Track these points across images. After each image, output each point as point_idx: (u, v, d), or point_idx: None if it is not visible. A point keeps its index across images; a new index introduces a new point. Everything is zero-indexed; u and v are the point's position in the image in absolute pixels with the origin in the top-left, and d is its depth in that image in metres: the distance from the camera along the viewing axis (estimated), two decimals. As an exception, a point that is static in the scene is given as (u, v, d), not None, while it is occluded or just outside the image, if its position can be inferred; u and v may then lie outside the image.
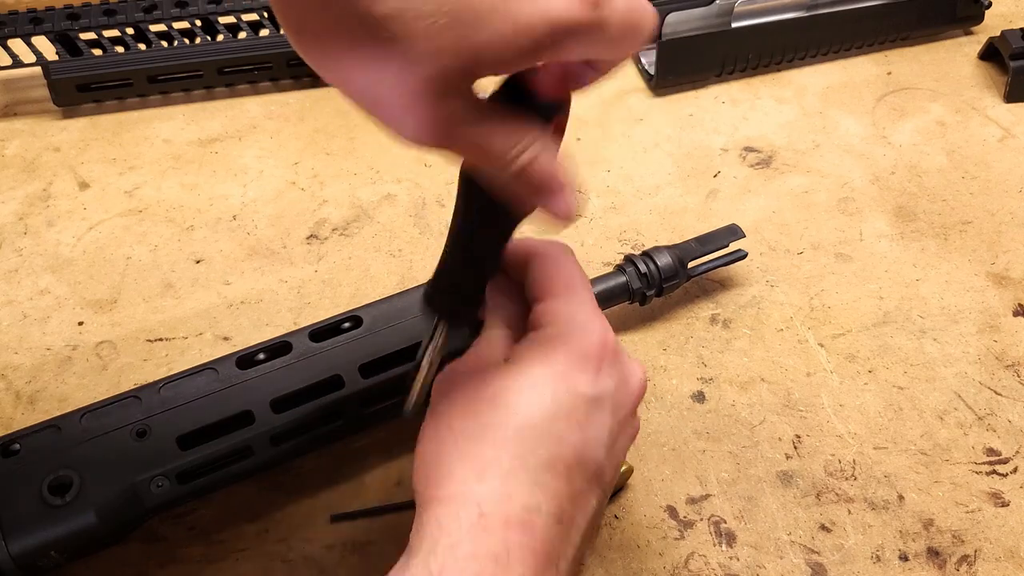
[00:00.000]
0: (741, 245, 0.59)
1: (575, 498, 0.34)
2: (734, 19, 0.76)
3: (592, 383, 0.35)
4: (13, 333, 0.57)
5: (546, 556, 0.32)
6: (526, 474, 0.33)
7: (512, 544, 0.31)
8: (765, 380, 0.55)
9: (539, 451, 0.33)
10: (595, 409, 0.35)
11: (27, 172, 0.68)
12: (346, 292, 0.60)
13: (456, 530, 0.31)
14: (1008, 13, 0.87)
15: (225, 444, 0.43)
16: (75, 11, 0.71)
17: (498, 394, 0.35)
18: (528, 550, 0.31)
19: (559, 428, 0.34)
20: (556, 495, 0.33)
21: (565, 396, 0.34)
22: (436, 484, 0.33)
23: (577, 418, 0.34)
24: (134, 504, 0.41)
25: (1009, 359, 0.57)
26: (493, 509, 0.32)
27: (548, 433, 0.34)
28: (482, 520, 0.31)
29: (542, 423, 0.34)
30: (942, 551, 0.47)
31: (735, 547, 0.47)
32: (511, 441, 0.33)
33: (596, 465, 0.35)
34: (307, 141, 0.72)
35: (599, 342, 0.36)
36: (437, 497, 0.33)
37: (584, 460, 0.34)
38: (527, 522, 0.32)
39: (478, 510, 0.32)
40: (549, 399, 0.34)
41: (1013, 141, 0.73)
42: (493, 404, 0.34)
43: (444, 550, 0.31)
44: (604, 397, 0.35)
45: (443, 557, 0.31)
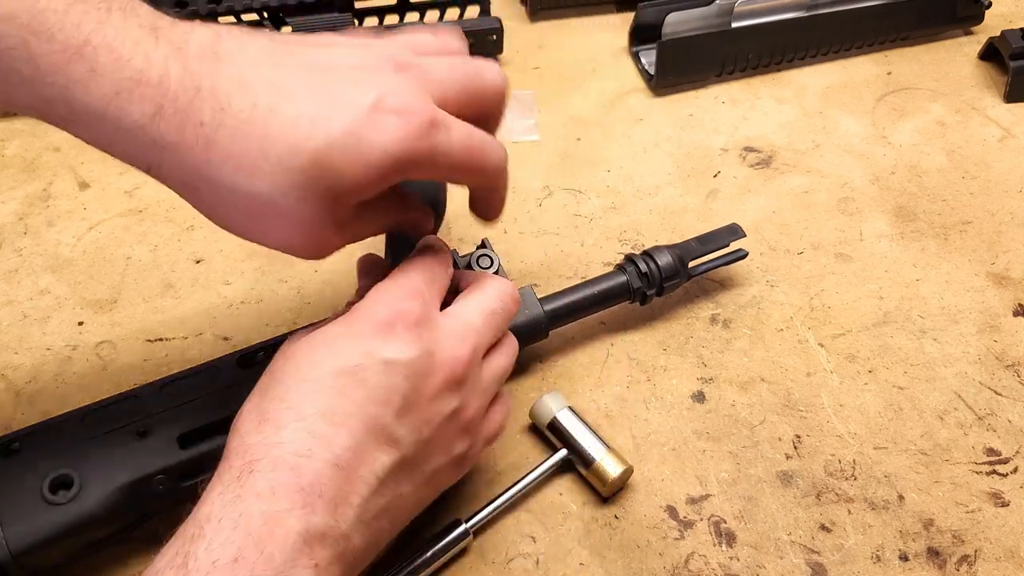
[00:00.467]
0: (741, 245, 0.59)
1: (356, 449, 0.35)
2: (734, 19, 0.76)
3: (384, 347, 0.37)
4: (13, 333, 0.57)
5: (317, 494, 0.33)
6: (300, 423, 0.34)
7: (277, 483, 0.33)
8: (765, 380, 0.55)
9: (318, 401, 0.35)
10: (386, 372, 0.36)
11: (27, 172, 0.68)
12: (346, 292, 0.60)
13: (228, 479, 0.34)
14: (1008, 13, 0.87)
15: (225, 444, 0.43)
16: (75, 11, 0.71)
17: (294, 352, 0.37)
18: (294, 488, 0.33)
19: (342, 383, 0.36)
20: (332, 444, 0.34)
21: (353, 353, 0.36)
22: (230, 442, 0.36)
23: (363, 375, 0.36)
24: (135, 503, 0.41)
25: (1009, 359, 0.57)
26: (262, 455, 0.34)
27: (329, 386, 0.36)
28: (251, 466, 0.33)
29: (324, 376, 0.36)
30: (942, 551, 0.47)
31: (735, 547, 0.47)
32: (292, 392, 0.36)
33: (383, 424, 0.36)
34: (307, 141, 0.71)
35: (400, 311, 0.38)
36: (225, 454, 0.35)
37: (369, 416, 0.36)
38: (296, 466, 0.33)
39: (249, 458, 0.34)
40: (338, 356, 0.36)
41: (1013, 141, 0.73)
42: (286, 360, 0.37)
43: (214, 498, 0.33)
44: (398, 363, 0.37)
45: (211, 504, 0.33)
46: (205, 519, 0.32)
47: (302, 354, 0.37)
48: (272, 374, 0.37)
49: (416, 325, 0.38)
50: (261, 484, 0.33)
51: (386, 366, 0.36)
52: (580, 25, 0.84)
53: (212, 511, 0.32)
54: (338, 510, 0.34)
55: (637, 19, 0.78)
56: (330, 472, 0.34)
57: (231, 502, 0.32)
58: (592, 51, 0.81)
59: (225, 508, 0.32)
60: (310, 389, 0.36)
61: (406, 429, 0.37)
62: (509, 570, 0.46)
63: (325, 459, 0.34)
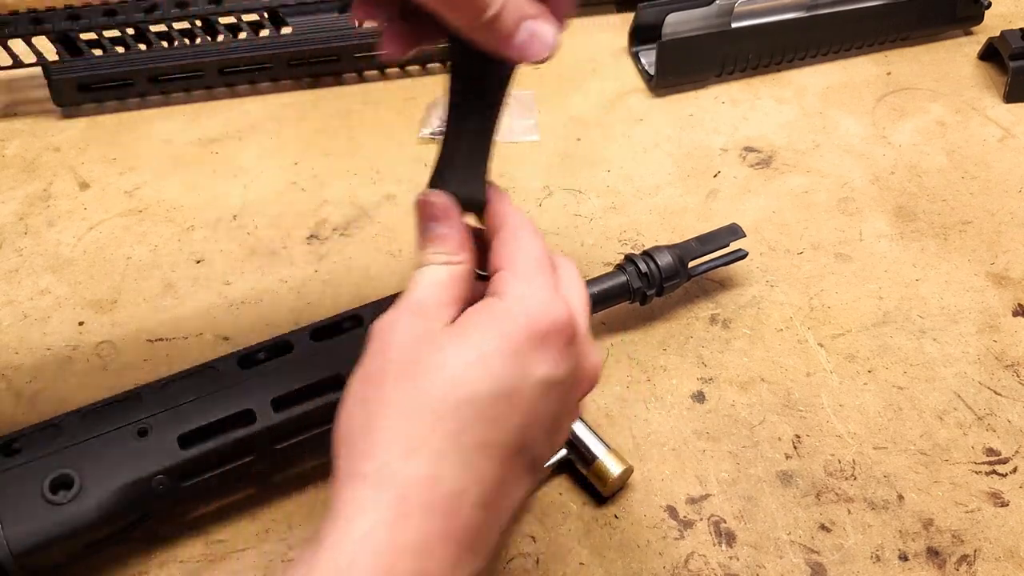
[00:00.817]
0: (741, 245, 0.59)
1: (505, 484, 0.32)
2: (734, 19, 0.76)
3: (545, 365, 0.33)
4: (13, 333, 0.57)
5: (467, 545, 0.30)
6: (457, 455, 0.30)
7: (432, 535, 0.29)
8: (765, 380, 0.55)
9: (476, 431, 0.31)
10: (543, 393, 0.33)
11: (27, 172, 0.68)
12: (346, 292, 0.60)
13: (373, 517, 0.29)
14: (1008, 13, 0.87)
15: (226, 443, 0.43)
16: (76, 11, 0.71)
17: (442, 362, 0.32)
18: (450, 539, 0.30)
19: (501, 409, 0.31)
20: (484, 480, 0.31)
21: (513, 376, 0.32)
22: (360, 457, 0.31)
23: (520, 400, 0.32)
24: (135, 503, 0.42)
25: (1009, 359, 0.57)
26: (415, 493, 0.30)
27: (487, 414, 0.31)
28: (403, 506, 0.29)
29: (484, 401, 0.31)
30: (942, 551, 0.47)
31: (735, 547, 0.47)
32: (447, 417, 0.31)
33: (533, 453, 0.33)
34: (307, 141, 0.72)
35: (559, 321, 0.33)
36: (359, 473, 0.30)
37: (522, 446, 0.32)
38: (451, 510, 0.30)
39: (402, 491, 0.30)
40: (496, 378, 0.32)
41: (1013, 141, 0.73)
42: (435, 371, 0.32)
43: (357, 540, 0.29)
44: (554, 381, 0.33)
45: (355, 548, 0.29)
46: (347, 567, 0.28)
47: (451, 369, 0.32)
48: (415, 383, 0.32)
49: (570, 337, 0.34)
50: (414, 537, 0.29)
51: (544, 387, 0.33)
52: (580, 25, 0.84)
53: (355, 560, 0.28)
54: (477, 550, 0.31)
55: (637, 19, 0.78)
56: (481, 515, 0.31)
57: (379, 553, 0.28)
58: (592, 51, 0.81)
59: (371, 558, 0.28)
60: (468, 415, 0.31)
61: (547, 451, 0.35)
62: (509, 569, 0.46)
63: (478, 501, 0.31)
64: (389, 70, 0.79)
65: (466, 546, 0.30)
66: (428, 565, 0.29)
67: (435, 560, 0.29)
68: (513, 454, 0.32)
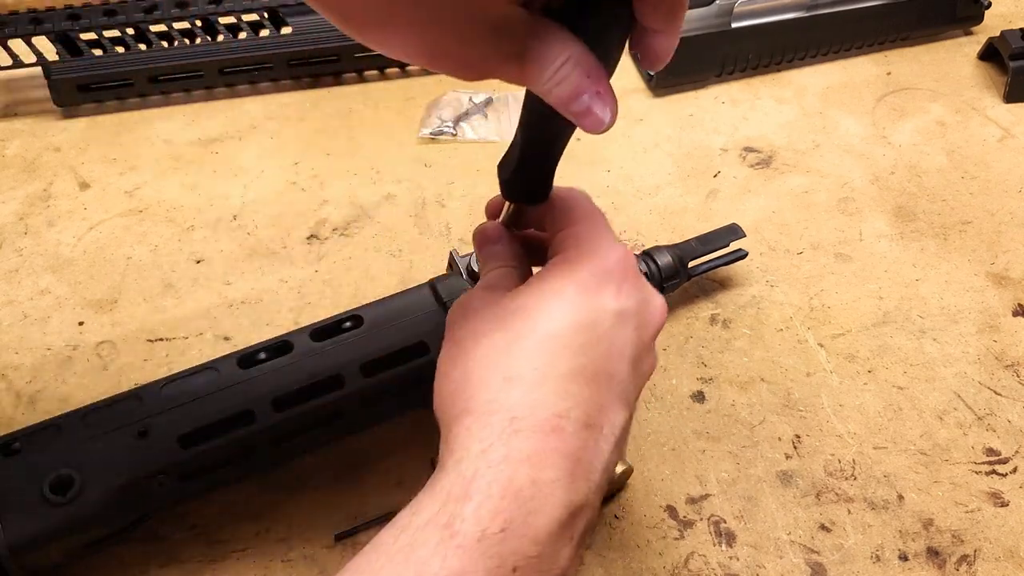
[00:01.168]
0: (741, 245, 0.59)
1: (603, 407, 0.34)
2: (734, 19, 0.76)
3: (615, 297, 0.35)
4: (14, 333, 0.57)
5: (577, 460, 0.32)
6: (555, 383, 0.33)
7: (546, 447, 0.31)
8: (765, 380, 0.55)
9: (567, 360, 0.33)
10: (619, 323, 0.35)
11: (27, 172, 0.68)
12: (346, 292, 0.60)
13: (488, 436, 0.32)
14: (1008, 13, 0.87)
15: (226, 443, 0.43)
16: (76, 11, 0.71)
17: (523, 306, 0.35)
18: (560, 454, 0.32)
19: (583, 339, 0.34)
20: (583, 402, 0.33)
21: (589, 308, 0.35)
22: (465, 397, 0.34)
23: (601, 330, 0.35)
24: (135, 503, 0.42)
25: (1009, 359, 0.57)
26: (524, 414, 0.32)
27: (573, 343, 0.34)
28: (513, 424, 0.32)
29: (567, 334, 0.34)
30: (942, 551, 0.47)
31: (735, 547, 0.47)
32: (537, 351, 0.34)
33: (620, 378, 0.35)
34: (307, 141, 0.72)
35: (620, 260, 0.37)
36: (467, 409, 0.33)
37: (609, 371, 0.35)
38: (557, 427, 0.32)
39: (509, 415, 0.32)
40: (574, 310, 0.34)
41: (1013, 141, 0.73)
42: (520, 316, 0.35)
43: (476, 455, 0.31)
44: (627, 312, 0.36)
45: (476, 462, 0.31)
46: (472, 477, 0.30)
47: (532, 308, 0.35)
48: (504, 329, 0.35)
49: (632, 272, 0.37)
50: (528, 447, 0.31)
51: (619, 317, 0.35)
52: (580, 25, 0.84)
53: (479, 470, 0.31)
54: (590, 476, 0.33)
55: (637, 19, 0.78)
56: (585, 434, 0.33)
57: (498, 463, 0.31)
58: (592, 51, 0.81)
59: (492, 469, 0.31)
60: (554, 348, 0.34)
61: (633, 382, 0.36)
62: (509, 570, 0.46)
63: (580, 420, 0.33)
64: (389, 70, 0.79)
65: (577, 461, 0.32)
66: (545, 474, 0.31)
67: (551, 470, 0.31)
68: (604, 379, 0.34)
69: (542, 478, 0.31)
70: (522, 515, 0.30)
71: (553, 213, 0.40)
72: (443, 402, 0.35)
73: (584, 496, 0.32)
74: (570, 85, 0.32)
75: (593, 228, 0.38)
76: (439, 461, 0.33)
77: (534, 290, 0.36)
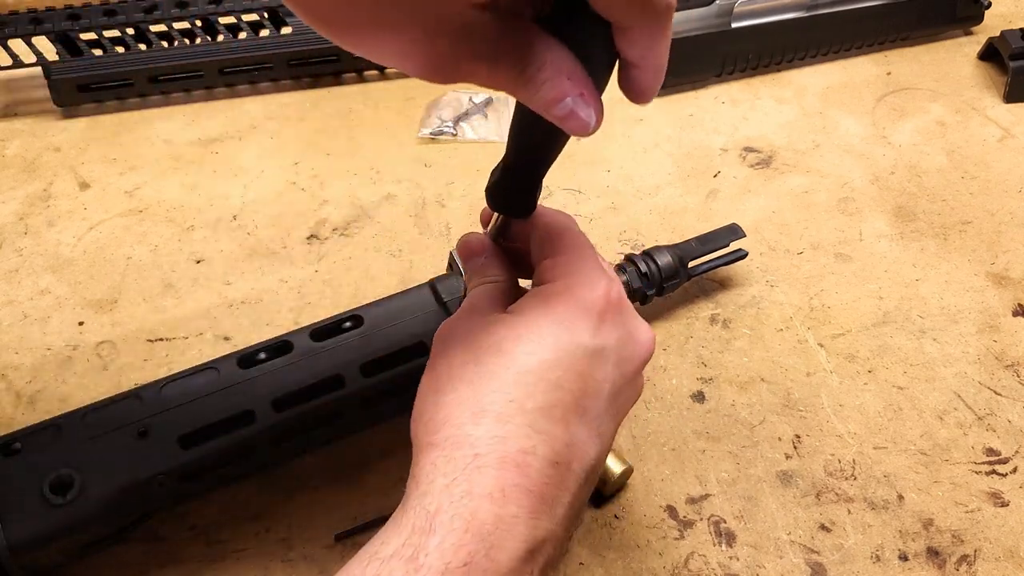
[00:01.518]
0: (741, 245, 0.59)
1: (572, 445, 0.34)
2: (734, 19, 0.76)
3: (594, 334, 0.35)
4: (14, 333, 0.57)
5: (540, 497, 0.32)
6: (523, 418, 0.33)
7: (507, 484, 0.32)
8: (765, 380, 0.55)
9: (537, 396, 0.34)
10: (596, 360, 0.35)
11: (27, 172, 0.68)
12: (346, 292, 0.60)
13: (452, 471, 0.32)
14: (1008, 13, 0.87)
15: (226, 443, 0.43)
16: (76, 11, 0.71)
17: (499, 341, 0.35)
18: (523, 490, 0.32)
19: (558, 375, 0.34)
20: (552, 440, 0.33)
21: (566, 345, 0.35)
22: (433, 429, 0.34)
23: (577, 367, 0.35)
24: (135, 503, 0.42)
25: (1009, 359, 0.57)
26: (488, 450, 0.32)
27: (547, 379, 0.34)
28: (477, 460, 0.32)
29: (541, 369, 0.34)
30: (942, 551, 0.47)
31: (735, 547, 0.47)
32: (509, 385, 0.34)
33: (595, 415, 0.35)
34: (307, 141, 0.72)
35: (603, 295, 0.36)
36: (432, 442, 0.33)
37: (583, 409, 0.35)
38: (522, 463, 0.32)
39: (473, 451, 0.32)
40: (550, 346, 0.35)
41: (1013, 141, 0.73)
42: (493, 351, 0.35)
43: (440, 490, 0.31)
44: (606, 349, 0.36)
45: (440, 496, 0.31)
46: (435, 512, 0.31)
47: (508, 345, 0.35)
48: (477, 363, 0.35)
49: (615, 307, 0.37)
50: (491, 483, 0.31)
51: (596, 354, 0.35)
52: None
53: (441, 505, 0.31)
54: (555, 511, 0.33)
55: (637, 19, 0.78)
56: (551, 471, 0.33)
57: (460, 498, 0.31)
58: (592, 51, 0.81)
59: (455, 504, 0.31)
60: (528, 382, 0.34)
61: (610, 416, 0.36)
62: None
63: (546, 457, 0.33)
64: (389, 70, 0.79)
65: (540, 498, 0.32)
66: (507, 510, 0.31)
67: (512, 506, 0.31)
68: (576, 417, 0.34)
69: (504, 514, 0.31)
70: (484, 549, 0.30)
71: (539, 238, 0.40)
72: (416, 428, 0.35)
73: (546, 531, 0.33)
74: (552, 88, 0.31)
75: (578, 258, 0.38)
76: (406, 491, 0.33)
77: (511, 324, 0.36)
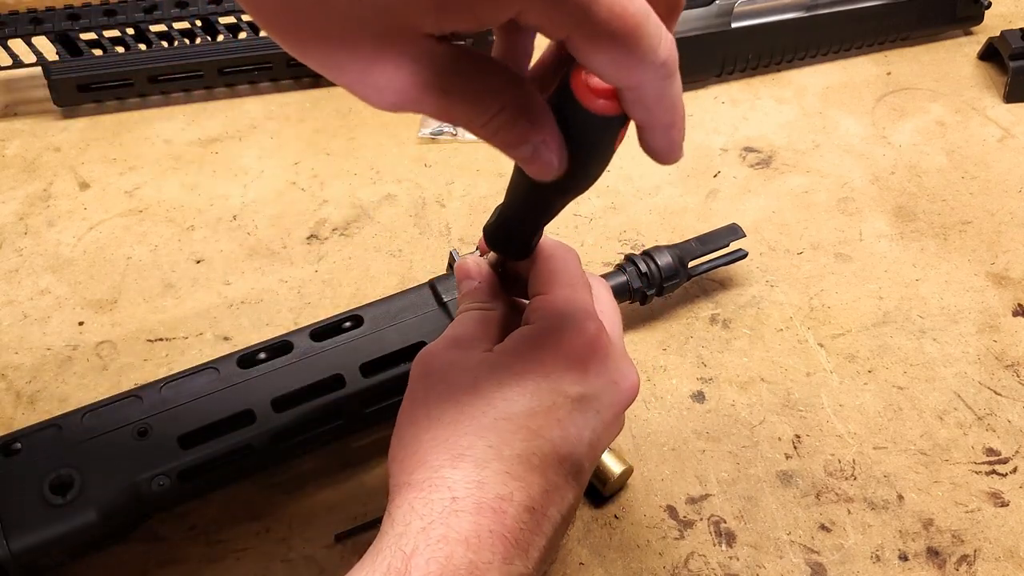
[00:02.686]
0: (741, 245, 0.59)
1: (549, 492, 0.34)
2: (734, 19, 0.76)
3: (576, 383, 0.35)
4: (13, 333, 0.57)
5: (515, 543, 0.32)
6: (500, 464, 0.33)
7: (483, 530, 0.32)
8: (765, 380, 0.55)
9: (515, 443, 0.33)
10: (578, 408, 0.35)
11: (27, 172, 0.68)
12: (346, 292, 0.60)
13: (428, 513, 0.32)
14: (1008, 13, 0.87)
15: (226, 443, 0.43)
16: (75, 11, 0.71)
17: (479, 384, 0.35)
18: (498, 536, 0.32)
19: (538, 423, 0.34)
20: (529, 487, 0.33)
21: (547, 393, 0.35)
22: (410, 469, 0.34)
23: (558, 415, 0.34)
24: (135, 503, 0.42)
25: (1009, 359, 0.57)
26: (466, 494, 0.32)
27: (527, 427, 0.34)
28: (455, 504, 0.32)
29: (520, 417, 0.34)
30: (942, 551, 0.47)
31: (735, 547, 0.47)
32: (488, 430, 0.34)
33: (574, 461, 0.35)
34: (307, 141, 0.72)
35: (589, 342, 0.36)
36: (410, 482, 0.33)
37: (562, 456, 0.34)
38: (498, 510, 0.32)
39: (451, 495, 0.32)
40: (530, 394, 0.34)
41: (1013, 141, 0.73)
42: (473, 393, 0.35)
43: (416, 532, 0.31)
44: (589, 397, 0.35)
45: (416, 538, 0.31)
46: (411, 553, 0.31)
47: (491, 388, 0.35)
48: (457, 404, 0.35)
49: (601, 354, 0.36)
50: (466, 528, 0.32)
51: (579, 402, 0.35)
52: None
53: (418, 547, 0.31)
54: (529, 554, 0.33)
55: (637, 19, 0.78)
56: (526, 517, 0.33)
57: (436, 542, 0.31)
58: (592, 51, 0.81)
59: (431, 548, 0.31)
60: (507, 429, 0.34)
61: (590, 460, 0.36)
62: (509, 570, 0.46)
63: (523, 503, 0.33)
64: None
65: (515, 544, 0.32)
66: (482, 556, 0.31)
67: (487, 552, 0.31)
68: (554, 463, 0.34)
69: (478, 560, 0.31)
70: None
71: (535, 272, 0.39)
72: (392, 464, 0.35)
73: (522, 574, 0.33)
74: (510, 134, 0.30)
75: (570, 300, 0.37)
76: (382, 528, 0.33)
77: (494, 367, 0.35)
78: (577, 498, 0.36)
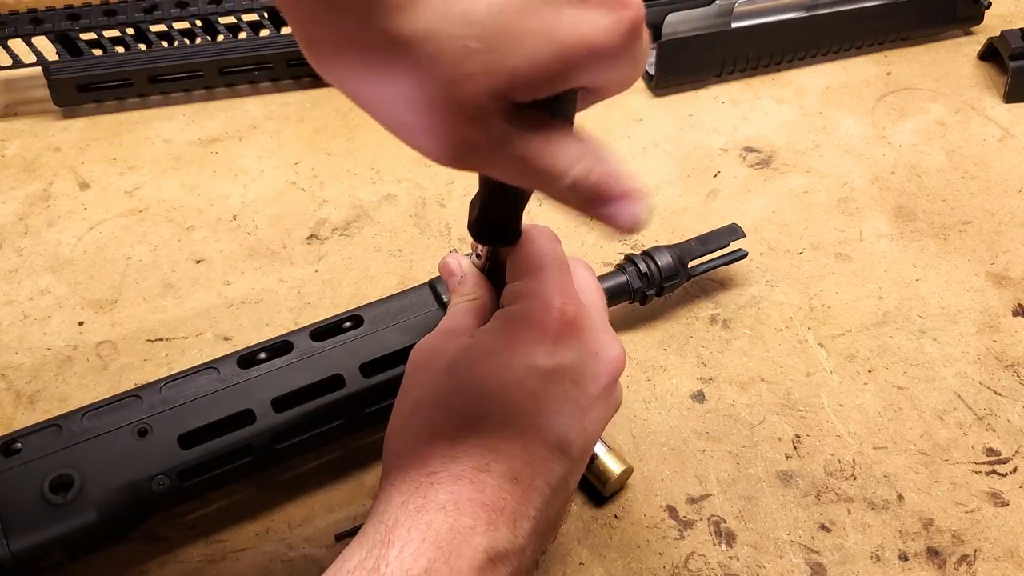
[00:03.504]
0: (741, 245, 0.59)
1: (532, 463, 0.35)
2: (734, 19, 0.76)
3: (548, 355, 0.36)
4: (13, 333, 0.57)
5: (499, 511, 0.33)
6: (475, 438, 0.34)
7: (461, 497, 0.33)
8: (765, 380, 0.55)
9: (489, 418, 0.35)
10: (551, 381, 0.36)
11: (27, 172, 0.68)
12: (346, 292, 0.60)
13: (407, 489, 0.33)
14: (1008, 13, 0.87)
15: (226, 443, 0.43)
16: (75, 11, 0.71)
17: (453, 366, 0.37)
18: (477, 503, 0.33)
19: (511, 397, 0.35)
20: (509, 458, 0.34)
21: (518, 367, 0.36)
22: (393, 454, 0.36)
23: (531, 388, 0.35)
24: (135, 503, 0.42)
25: (1009, 359, 0.57)
26: (441, 468, 0.34)
27: (499, 401, 0.35)
28: (431, 478, 0.33)
29: (492, 391, 0.35)
30: (942, 551, 0.47)
31: (735, 547, 0.47)
32: (462, 409, 0.35)
33: (556, 433, 0.36)
34: (307, 141, 0.72)
35: (558, 317, 0.37)
36: (393, 465, 0.35)
37: (539, 427, 0.35)
38: (476, 480, 0.33)
39: (428, 469, 0.34)
40: (501, 369, 0.36)
41: (1013, 141, 0.73)
42: (448, 375, 0.37)
43: (396, 507, 0.33)
44: (563, 369, 0.36)
45: (395, 512, 0.33)
46: (393, 525, 0.32)
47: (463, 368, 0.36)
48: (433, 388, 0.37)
49: (577, 328, 0.37)
50: (444, 498, 0.33)
51: (551, 375, 0.36)
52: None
53: (399, 519, 0.32)
54: (517, 525, 0.34)
55: (637, 19, 0.78)
56: (509, 487, 0.34)
57: (416, 512, 0.32)
58: (592, 51, 0.81)
59: (411, 518, 0.32)
60: (480, 405, 0.35)
61: (576, 433, 0.36)
62: (509, 570, 0.46)
63: (503, 474, 0.34)
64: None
65: (498, 511, 0.33)
66: (462, 521, 0.32)
67: (467, 518, 0.32)
68: (533, 434, 0.35)
69: (458, 525, 0.32)
70: (443, 556, 0.31)
71: (511, 258, 0.40)
72: (385, 449, 0.37)
73: (508, 543, 0.33)
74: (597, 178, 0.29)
75: (543, 281, 0.38)
76: (370, 511, 0.34)
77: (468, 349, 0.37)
78: (569, 472, 0.37)
